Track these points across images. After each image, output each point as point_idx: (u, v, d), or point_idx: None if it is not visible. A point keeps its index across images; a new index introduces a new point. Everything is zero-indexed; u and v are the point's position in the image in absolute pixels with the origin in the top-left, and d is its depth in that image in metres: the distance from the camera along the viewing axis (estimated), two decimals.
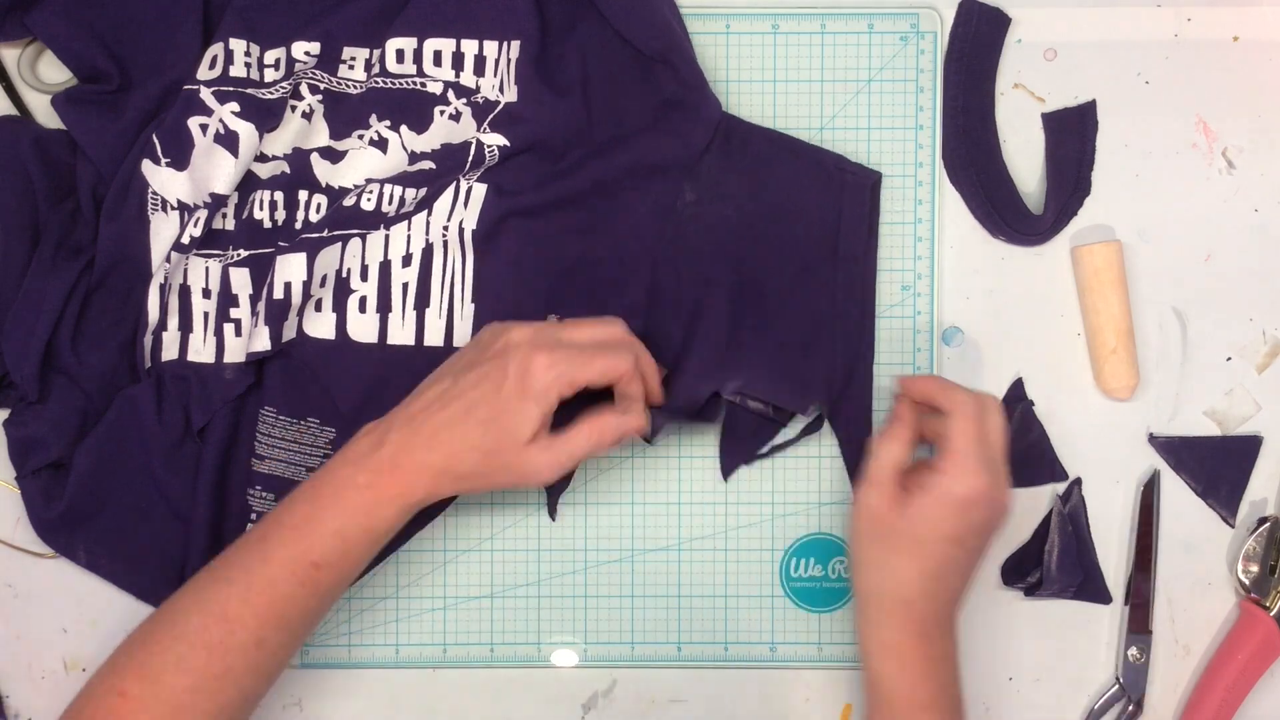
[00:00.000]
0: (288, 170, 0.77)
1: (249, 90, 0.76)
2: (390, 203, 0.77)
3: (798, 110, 0.80)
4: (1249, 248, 0.80)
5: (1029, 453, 0.79)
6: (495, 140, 0.76)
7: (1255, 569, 0.79)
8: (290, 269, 0.75)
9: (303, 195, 0.77)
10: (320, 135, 0.77)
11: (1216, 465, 0.79)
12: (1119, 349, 0.78)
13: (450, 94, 0.77)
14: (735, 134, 0.77)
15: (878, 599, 0.70)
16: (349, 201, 0.76)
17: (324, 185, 0.77)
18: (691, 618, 0.80)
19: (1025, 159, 0.80)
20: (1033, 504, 0.80)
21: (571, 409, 0.70)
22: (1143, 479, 0.80)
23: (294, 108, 0.77)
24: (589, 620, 0.80)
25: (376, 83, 0.76)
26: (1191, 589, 0.80)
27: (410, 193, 0.76)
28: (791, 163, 0.77)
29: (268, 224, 0.77)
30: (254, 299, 0.76)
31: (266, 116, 0.76)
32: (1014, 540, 0.80)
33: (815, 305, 0.77)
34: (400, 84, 0.76)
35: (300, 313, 0.75)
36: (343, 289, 0.76)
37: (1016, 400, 0.79)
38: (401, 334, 0.76)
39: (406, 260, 0.76)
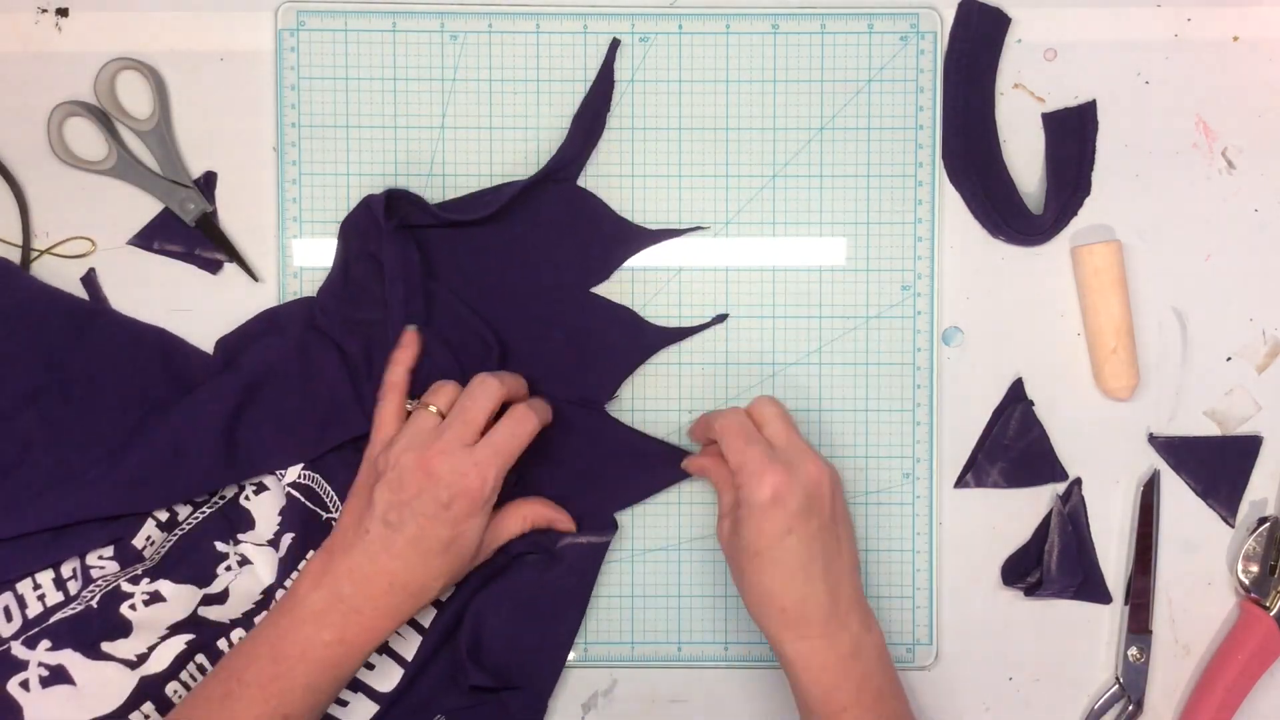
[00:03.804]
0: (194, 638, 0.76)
1: (56, 616, 0.74)
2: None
3: (798, 110, 0.80)
4: (1249, 248, 0.80)
5: (1029, 453, 0.79)
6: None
7: (1255, 569, 0.79)
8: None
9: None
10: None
11: (1216, 465, 0.79)
12: (1119, 349, 0.78)
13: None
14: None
15: (763, 619, 0.71)
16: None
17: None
18: (691, 618, 0.80)
19: (1025, 159, 0.80)
20: (1033, 504, 0.80)
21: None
22: (1143, 479, 0.80)
23: (133, 607, 0.74)
24: (589, 620, 0.80)
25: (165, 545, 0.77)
26: (1191, 589, 0.80)
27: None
28: None
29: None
30: None
31: (85, 634, 0.73)
32: (1014, 540, 0.80)
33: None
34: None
35: None
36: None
37: (1016, 400, 0.79)
38: None
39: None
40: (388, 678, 0.76)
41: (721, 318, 0.80)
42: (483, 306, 0.78)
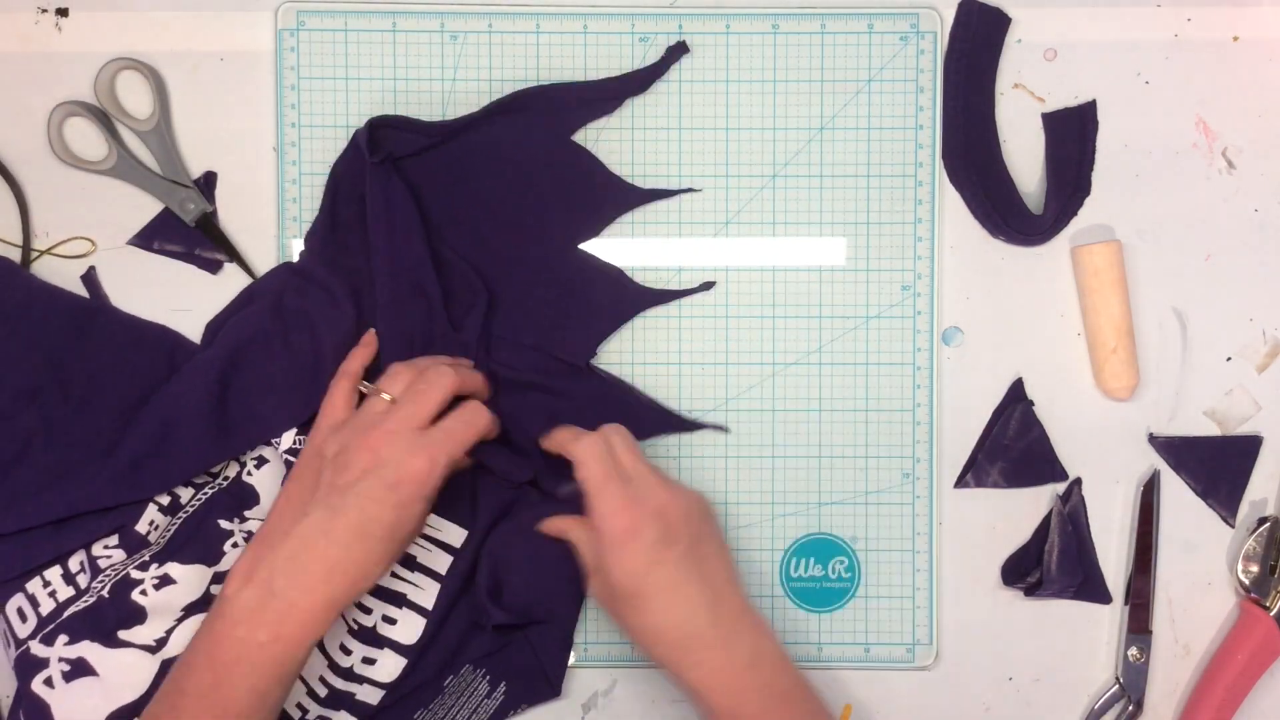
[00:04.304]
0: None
1: (69, 611, 0.73)
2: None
3: (798, 110, 0.80)
4: (1249, 248, 0.80)
5: (1029, 453, 0.79)
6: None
7: (1255, 569, 0.79)
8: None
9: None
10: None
11: (1216, 465, 0.79)
12: (1119, 349, 0.78)
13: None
14: None
15: (658, 656, 0.71)
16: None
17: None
18: None
19: (1025, 159, 0.80)
20: (1033, 504, 0.80)
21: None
22: (1143, 479, 0.80)
23: (144, 593, 0.74)
24: (589, 620, 0.80)
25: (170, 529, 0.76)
26: (1191, 589, 0.80)
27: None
28: None
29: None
30: None
31: (100, 624, 0.73)
32: (1014, 540, 0.80)
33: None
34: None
35: None
36: None
37: (1016, 400, 0.79)
38: None
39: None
40: (411, 630, 0.76)
41: (709, 285, 0.79)
42: (469, 256, 0.78)
